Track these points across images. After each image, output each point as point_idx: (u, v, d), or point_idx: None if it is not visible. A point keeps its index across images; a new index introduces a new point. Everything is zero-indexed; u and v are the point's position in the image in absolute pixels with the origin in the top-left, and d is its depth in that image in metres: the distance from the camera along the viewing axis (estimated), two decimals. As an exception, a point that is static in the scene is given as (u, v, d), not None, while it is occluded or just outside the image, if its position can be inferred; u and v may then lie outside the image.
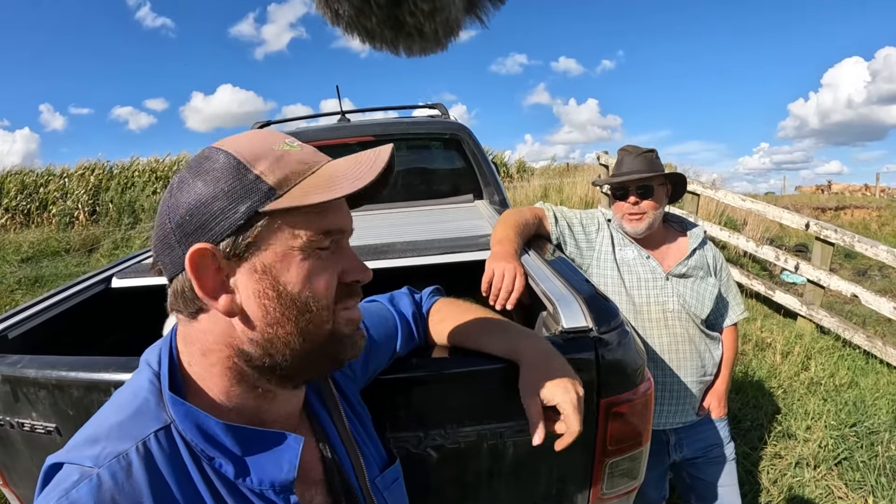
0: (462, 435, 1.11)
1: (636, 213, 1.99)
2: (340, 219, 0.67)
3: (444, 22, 1.16)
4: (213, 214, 0.62)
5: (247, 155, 0.64)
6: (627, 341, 1.14)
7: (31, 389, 1.21)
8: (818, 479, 3.09)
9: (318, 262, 0.65)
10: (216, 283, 0.63)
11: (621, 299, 1.99)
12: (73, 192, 13.02)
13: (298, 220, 0.63)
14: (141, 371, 0.69)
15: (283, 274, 0.63)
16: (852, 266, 8.95)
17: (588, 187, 10.89)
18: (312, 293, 0.65)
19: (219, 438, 0.64)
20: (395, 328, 1.09)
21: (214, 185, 0.62)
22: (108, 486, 0.56)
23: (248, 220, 0.61)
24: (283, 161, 0.64)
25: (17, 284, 7.95)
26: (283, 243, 0.63)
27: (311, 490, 0.75)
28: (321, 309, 0.66)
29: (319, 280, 0.65)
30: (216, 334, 0.65)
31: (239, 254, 0.62)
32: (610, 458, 1.16)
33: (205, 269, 0.62)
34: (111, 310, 1.87)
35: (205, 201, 0.62)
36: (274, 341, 0.65)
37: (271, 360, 0.65)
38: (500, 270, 1.47)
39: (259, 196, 0.61)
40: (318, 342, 0.67)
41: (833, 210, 14.37)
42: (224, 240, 0.62)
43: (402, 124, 3.53)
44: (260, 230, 0.62)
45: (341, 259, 0.69)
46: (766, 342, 4.98)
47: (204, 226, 0.62)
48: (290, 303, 0.64)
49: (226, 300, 0.63)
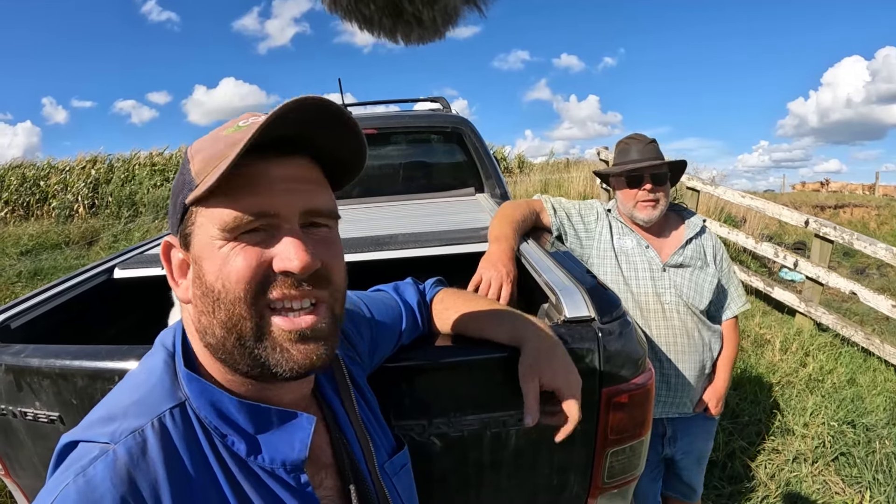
0: (465, 423, 1.12)
1: (650, 200, 1.99)
2: (266, 200, 0.62)
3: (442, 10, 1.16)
4: (171, 209, 0.69)
5: (194, 149, 0.67)
6: (629, 331, 1.15)
7: (35, 378, 1.21)
8: (815, 475, 3.11)
9: (235, 250, 0.61)
10: (179, 271, 0.68)
11: (619, 289, 1.99)
12: (74, 185, 13.00)
13: (214, 206, 0.62)
14: (156, 352, 0.71)
15: (205, 262, 0.63)
16: (851, 265, 8.97)
17: (587, 183, 10.87)
18: (223, 283, 0.61)
19: (232, 416, 0.65)
20: (400, 316, 1.09)
21: (175, 181, 0.68)
22: (124, 462, 0.57)
23: (183, 213, 0.66)
24: (214, 147, 0.65)
25: (17, 277, 7.94)
26: (204, 232, 0.63)
27: (321, 473, 0.75)
28: (233, 301, 0.61)
29: (232, 268, 0.61)
30: (189, 317, 0.68)
31: (186, 245, 0.66)
32: (611, 448, 1.16)
33: (167, 259, 0.69)
34: (113, 300, 1.87)
35: (171, 197, 0.69)
36: (206, 331, 0.65)
37: (213, 350, 0.65)
38: (487, 277, 1.48)
39: (188, 188, 0.64)
40: (240, 339, 0.63)
41: (832, 208, 14.38)
42: (178, 231, 0.67)
43: (404, 118, 3.53)
44: (191, 221, 0.64)
45: (273, 245, 0.62)
46: (765, 338, 4.99)
47: (170, 219, 0.69)
48: (207, 292, 0.63)
49: (183, 287, 0.67)
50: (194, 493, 0.60)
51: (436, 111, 3.83)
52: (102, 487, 0.55)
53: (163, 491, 0.58)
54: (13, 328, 1.43)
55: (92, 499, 0.54)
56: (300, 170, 0.66)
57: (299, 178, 0.65)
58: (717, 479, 3.07)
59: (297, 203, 0.63)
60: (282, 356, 0.63)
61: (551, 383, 0.93)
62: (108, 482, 0.55)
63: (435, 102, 4.01)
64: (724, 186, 6.80)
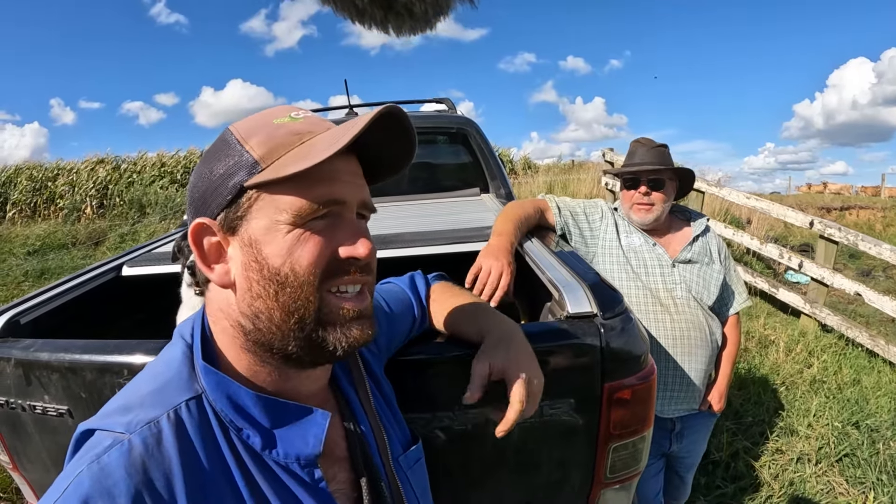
0: (469, 417, 1.13)
1: (645, 204, 2.01)
2: (336, 189, 0.66)
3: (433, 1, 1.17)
4: (210, 190, 0.66)
5: (243, 131, 0.67)
6: (631, 327, 1.16)
7: (44, 372, 1.22)
8: (819, 475, 3.10)
9: (304, 236, 0.64)
10: (213, 254, 0.67)
11: (630, 285, 2.00)
12: (82, 186, 13.06)
13: (283, 193, 0.63)
14: (174, 343, 0.71)
15: (266, 247, 0.64)
16: (856, 267, 8.94)
17: (592, 185, 10.85)
18: (292, 267, 0.64)
19: (248, 409, 0.66)
20: (412, 309, 1.09)
21: (215, 163, 0.66)
22: (139, 452, 0.57)
23: (236, 194, 0.64)
24: (275, 134, 0.66)
25: (24, 276, 8.00)
26: (267, 216, 0.64)
27: (335, 466, 0.76)
28: (302, 284, 0.64)
29: (303, 254, 0.64)
30: (218, 303, 0.69)
31: (233, 227, 0.65)
32: (613, 443, 1.17)
33: (203, 242, 0.66)
34: (121, 298, 1.89)
35: (206, 178, 0.67)
36: (259, 315, 0.65)
37: (260, 334, 0.66)
38: (487, 266, 1.49)
39: (245, 171, 0.64)
40: (301, 322, 0.65)
41: (838, 210, 14.33)
42: (219, 214, 0.65)
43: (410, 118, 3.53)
44: (247, 204, 0.64)
45: (337, 233, 0.66)
46: (770, 339, 4.98)
47: (205, 202, 0.66)
48: (271, 276, 0.64)
49: (221, 271, 0.67)
50: (207, 485, 0.61)
51: (441, 112, 3.85)
52: (116, 475, 0.55)
53: (176, 482, 0.58)
54: (22, 323, 1.44)
55: (105, 486, 0.55)
56: (354, 165, 0.71)
57: (355, 173, 0.70)
58: (720, 479, 3.07)
59: (356, 195, 0.68)
60: (342, 334, 0.67)
61: (499, 368, 0.91)
62: (122, 470, 0.56)
63: (441, 104, 4.01)
64: (730, 188, 6.80)
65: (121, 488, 0.55)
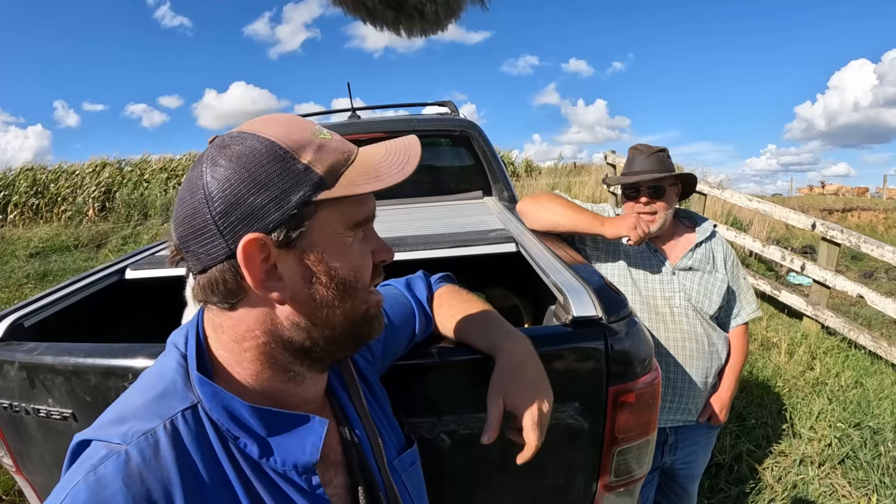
0: (475, 421, 1.13)
1: (647, 214, 1.96)
2: (373, 204, 0.72)
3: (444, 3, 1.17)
4: (262, 204, 0.61)
5: (289, 143, 0.64)
6: (636, 331, 1.16)
7: (48, 376, 1.22)
8: (822, 478, 3.09)
9: (361, 245, 0.70)
10: (266, 273, 0.63)
11: (628, 292, 1.96)
12: (85, 189, 13.06)
13: (345, 208, 0.67)
14: (168, 353, 0.70)
15: (335, 259, 0.66)
16: (858, 268, 8.93)
17: (595, 187, 10.87)
18: (357, 275, 0.69)
19: (244, 420, 0.65)
20: (413, 313, 1.09)
21: (260, 174, 0.62)
22: (136, 463, 0.57)
23: (299, 209, 0.62)
24: (326, 150, 0.66)
25: (26, 279, 8.00)
26: (333, 230, 0.66)
27: (331, 471, 0.76)
28: (363, 289, 0.70)
29: (364, 262, 0.70)
30: (253, 322, 0.66)
31: (290, 243, 0.63)
32: (618, 447, 1.17)
33: (255, 260, 0.62)
34: (125, 300, 1.89)
35: (252, 191, 0.61)
36: (319, 324, 0.68)
37: (312, 342, 0.68)
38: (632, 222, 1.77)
39: (310, 186, 0.63)
40: (355, 322, 0.71)
41: (840, 212, 14.31)
42: (276, 229, 0.62)
43: (413, 121, 3.53)
44: (312, 219, 0.64)
45: (370, 241, 0.73)
46: (772, 342, 4.97)
47: (253, 216, 0.61)
48: (341, 285, 0.67)
49: (277, 289, 0.64)
50: (206, 495, 0.61)
51: (444, 115, 3.84)
52: (113, 486, 0.55)
53: (175, 492, 0.58)
54: (26, 326, 1.44)
55: (102, 497, 0.55)
56: None
57: None
58: (723, 481, 3.06)
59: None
60: (376, 324, 0.75)
61: (512, 405, 0.91)
62: (119, 481, 0.56)
63: (443, 106, 4.01)
64: (731, 190, 6.80)
65: (118, 499, 0.55)
